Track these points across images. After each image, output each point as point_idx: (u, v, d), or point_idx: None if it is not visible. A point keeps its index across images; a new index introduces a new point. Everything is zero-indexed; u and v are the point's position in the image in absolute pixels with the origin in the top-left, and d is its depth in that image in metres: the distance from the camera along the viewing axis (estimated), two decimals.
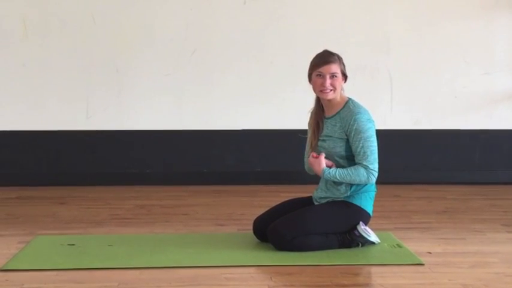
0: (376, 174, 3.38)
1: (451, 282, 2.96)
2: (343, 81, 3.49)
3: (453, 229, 3.97)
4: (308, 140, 3.61)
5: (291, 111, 5.36)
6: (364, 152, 3.35)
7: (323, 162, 3.43)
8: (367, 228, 3.43)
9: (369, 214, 3.48)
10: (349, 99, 3.50)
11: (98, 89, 5.37)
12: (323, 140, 3.49)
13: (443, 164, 5.53)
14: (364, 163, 3.35)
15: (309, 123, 3.62)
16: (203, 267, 3.16)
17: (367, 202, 3.46)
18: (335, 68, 3.43)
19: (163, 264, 3.20)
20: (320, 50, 3.25)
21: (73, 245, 3.53)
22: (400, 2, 5.44)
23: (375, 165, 3.37)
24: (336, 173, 3.38)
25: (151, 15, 5.34)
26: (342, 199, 3.43)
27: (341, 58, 3.48)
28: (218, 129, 5.44)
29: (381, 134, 5.45)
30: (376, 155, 3.38)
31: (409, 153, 5.53)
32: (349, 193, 3.43)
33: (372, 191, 3.48)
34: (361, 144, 3.35)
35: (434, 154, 5.54)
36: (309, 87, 3.42)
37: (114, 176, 5.39)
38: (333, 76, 3.42)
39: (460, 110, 5.52)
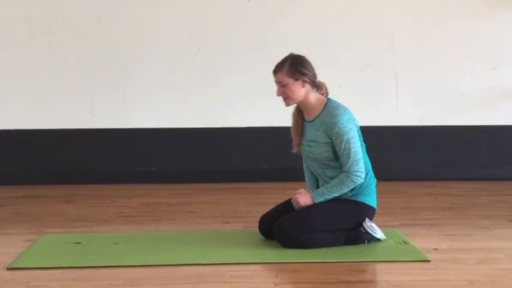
0: (361, 174, 3.34)
1: (458, 279, 2.95)
2: (306, 85, 3.40)
3: (459, 225, 3.96)
4: (293, 140, 3.57)
5: None
6: (347, 155, 3.32)
7: (306, 192, 3.44)
8: (373, 224, 3.43)
9: (373, 208, 3.47)
10: (328, 100, 3.46)
11: (103, 87, 5.37)
12: (309, 146, 3.46)
13: (449, 160, 5.51)
14: (347, 167, 3.32)
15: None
16: (209, 265, 3.16)
17: (370, 196, 3.45)
18: (280, 76, 3.41)
19: (169, 262, 3.21)
20: (324, 48, 3.24)
21: (79, 243, 3.53)
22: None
23: (358, 167, 3.32)
24: (325, 191, 3.38)
25: (156, 14, 5.34)
26: (346, 197, 3.42)
27: (295, 63, 3.39)
28: (223, 126, 5.44)
29: (387, 131, 5.54)
30: (359, 156, 3.34)
31: (415, 150, 5.51)
32: (350, 193, 3.41)
33: (371, 183, 3.47)
34: (343, 147, 3.32)
35: (440, 150, 5.52)
36: None
37: (119, 174, 5.39)
38: (282, 85, 3.40)
39: (466, 106, 5.50)
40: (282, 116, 5.41)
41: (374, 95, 5.46)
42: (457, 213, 4.28)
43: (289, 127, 3.54)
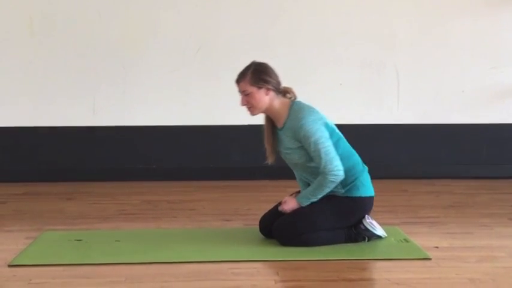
0: (338, 172, 3.27)
1: (458, 277, 2.95)
2: (270, 92, 3.36)
3: (460, 223, 3.96)
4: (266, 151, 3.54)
5: None
6: (318, 156, 3.28)
7: (291, 199, 3.42)
8: (373, 221, 3.42)
9: (372, 198, 3.44)
10: (292, 104, 3.40)
11: (104, 85, 5.37)
12: (287, 153, 3.44)
13: (450, 158, 5.51)
14: (322, 168, 3.28)
15: None
16: (209, 262, 3.16)
17: (363, 188, 3.40)
18: (243, 86, 3.38)
19: (170, 259, 3.21)
20: (325, 47, 3.22)
21: (80, 240, 3.54)
22: None
23: (332, 166, 3.26)
24: (308, 193, 3.36)
25: (157, 12, 5.34)
26: (341, 195, 3.39)
27: (257, 70, 3.36)
28: (224, 124, 5.44)
29: (388, 129, 5.54)
30: (331, 154, 3.27)
31: (416, 148, 5.51)
32: (344, 190, 3.38)
33: (361, 174, 3.41)
34: (312, 149, 3.28)
35: (442, 148, 5.52)
36: (317, 83, 3.41)
37: (120, 172, 5.39)
38: (245, 94, 3.37)
39: (467, 104, 5.49)
40: None
41: (375, 93, 5.46)
42: (458, 212, 4.28)
43: None
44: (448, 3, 5.41)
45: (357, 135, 5.06)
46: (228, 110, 5.43)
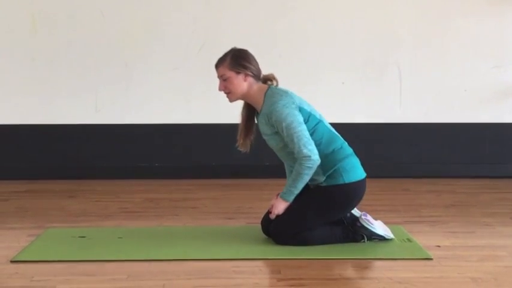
0: (313, 156, 3.19)
1: (460, 276, 2.95)
2: (248, 78, 3.34)
3: (462, 223, 3.96)
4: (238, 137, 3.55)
5: None
6: (292, 141, 3.23)
7: (277, 199, 3.39)
8: (369, 219, 3.38)
9: (360, 180, 3.33)
10: (268, 89, 3.37)
11: (106, 82, 5.37)
12: (267, 140, 3.44)
13: (452, 157, 5.51)
14: (296, 154, 3.23)
15: None
16: (212, 260, 3.17)
17: (348, 173, 3.30)
18: (221, 70, 3.36)
19: (172, 257, 3.21)
20: (328, 45, 3.22)
21: (84, 237, 3.54)
22: None
23: (306, 150, 3.20)
24: (288, 186, 3.32)
25: (160, 9, 5.34)
26: (325, 184, 3.32)
27: (237, 56, 3.34)
28: (226, 122, 5.43)
29: (390, 128, 5.53)
30: (304, 139, 3.21)
31: (418, 147, 5.51)
32: (324, 177, 3.30)
33: (343, 159, 3.32)
34: (285, 134, 3.25)
35: (444, 148, 5.52)
36: (320, 82, 3.41)
37: (123, 170, 5.40)
38: (224, 79, 3.36)
39: (470, 103, 5.49)
40: None
41: (377, 92, 5.46)
42: (460, 211, 4.28)
43: None
44: (451, 3, 5.40)
45: (359, 134, 5.08)
46: (231, 107, 5.40)
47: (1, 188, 4.98)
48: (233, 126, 5.42)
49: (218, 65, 3.40)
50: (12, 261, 3.14)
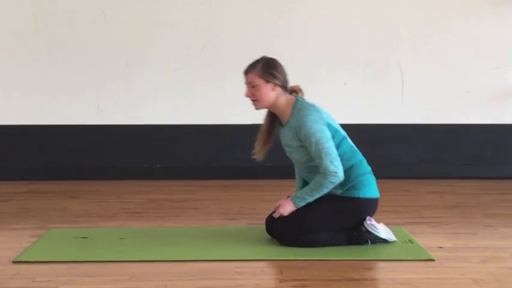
0: (338, 173, 3.23)
1: (462, 277, 2.95)
2: (277, 88, 3.34)
3: (464, 224, 3.95)
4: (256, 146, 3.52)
5: None
6: (319, 156, 3.24)
7: (286, 200, 3.37)
8: (374, 223, 3.37)
9: (374, 199, 3.38)
10: (296, 101, 3.38)
11: (108, 83, 5.38)
12: (288, 151, 3.44)
13: (454, 158, 5.51)
14: (322, 168, 3.24)
15: None
16: (213, 261, 3.17)
17: (366, 188, 3.34)
18: (251, 77, 3.35)
19: (174, 257, 3.21)
20: (329, 45, 3.21)
21: (86, 237, 3.54)
22: None
23: (332, 166, 3.22)
24: (303, 193, 3.31)
25: (162, 9, 5.34)
26: (340, 194, 3.35)
27: (268, 65, 3.35)
28: (228, 123, 5.44)
29: (392, 129, 5.53)
30: (332, 155, 3.23)
31: (420, 148, 5.51)
32: (342, 190, 3.34)
33: (362, 174, 3.36)
34: (313, 149, 3.26)
35: (445, 148, 5.51)
36: (321, 82, 3.40)
37: (124, 170, 5.40)
38: (252, 86, 3.35)
39: (472, 104, 5.49)
40: None
41: (379, 92, 5.46)
42: (462, 212, 4.27)
43: None
44: (453, 3, 5.40)
45: (360, 134, 5.06)
46: (233, 108, 5.43)
47: (3, 189, 4.99)
48: (235, 127, 5.46)
49: (248, 71, 3.39)
50: (14, 262, 3.15)
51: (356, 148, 3.46)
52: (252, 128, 5.40)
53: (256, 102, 3.39)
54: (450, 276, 2.96)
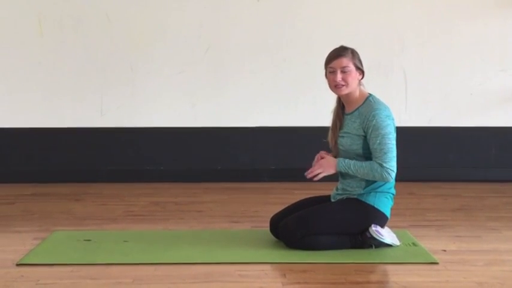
0: (392, 174, 3.27)
1: (466, 280, 2.94)
2: (360, 77, 3.41)
3: (468, 227, 3.94)
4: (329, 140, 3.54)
5: (305, 109, 5.36)
6: (381, 149, 3.26)
7: (328, 158, 3.39)
8: (379, 230, 3.35)
9: (384, 215, 3.38)
10: (370, 95, 3.44)
11: (112, 86, 5.39)
12: (342, 137, 3.44)
13: (458, 161, 5.50)
14: (379, 161, 3.27)
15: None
16: (217, 264, 3.17)
17: (382, 202, 3.36)
18: (346, 61, 3.36)
19: (178, 260, 3.22)
20: (333, 48, 3.22)
21: (89, 240, 3.55)
22: (415, 0, 5.41)
23: (391, 164, 3.26)
24: (351, 163, 3.33)
25: (165, 13, 5.35)
26: (356, 197, 3.37)
27: (356, 53, 3.42)
28: (232, 126, 5.44)
29: (396, 132, 5.50)
30: (393, 153, 3.28)
31: (424, 151, 5.50)
32: (362, 191, 3.35)
33: (388, 191, 3.39)
34: (378, 141, 3.27)
35: (450, 151, 5.50)
36: (324, 85, 3.40)
37: (128, 173, 5.41)
38: (344, 71, 3.36)
39: (476, 107, 5.48)
40: (291, 117, 5.45)
41: (383, 95, 5.35)
42: (466, 215, 4.26)
43: (299, 127, 3.52)
44: (457, 6, 5.39)
45: None
46: (237, 111, 5.44)
47: (7, 191, 5.00)
48: (239, 130, 5.47)
49: (342, 55, 3.38)
50: (18, 265, 3.15)
51: None
52: (256, 131, 5.46)
53: (344, 87, 3.38)
54: (454, 279, 2.96)
